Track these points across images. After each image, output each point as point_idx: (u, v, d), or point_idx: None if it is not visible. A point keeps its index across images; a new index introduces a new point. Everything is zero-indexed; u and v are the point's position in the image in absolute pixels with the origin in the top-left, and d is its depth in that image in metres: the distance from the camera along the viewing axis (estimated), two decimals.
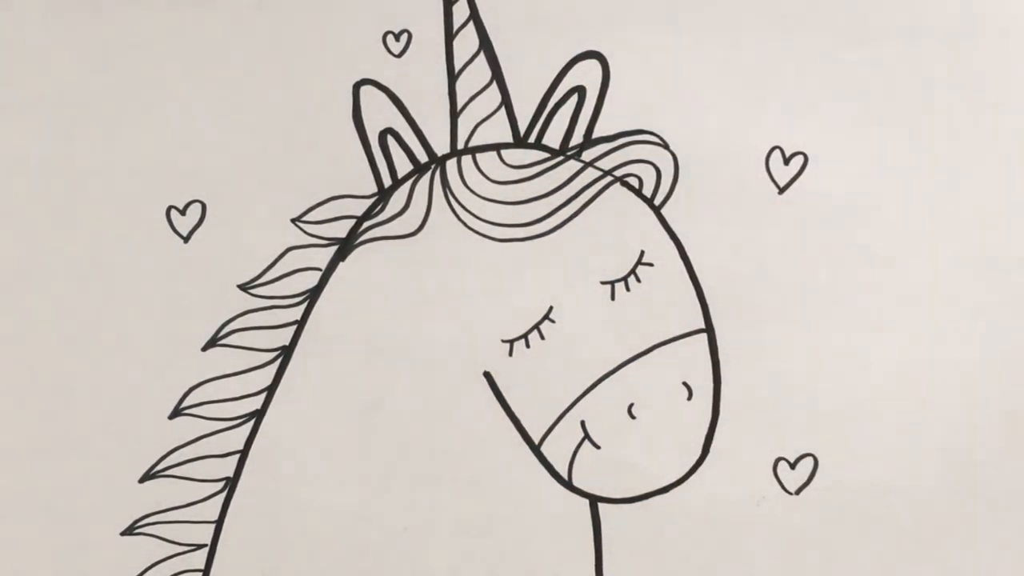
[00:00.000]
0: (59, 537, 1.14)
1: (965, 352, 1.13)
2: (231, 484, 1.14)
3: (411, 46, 1.16)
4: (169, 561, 1.14)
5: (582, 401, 1.12)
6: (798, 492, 1.13)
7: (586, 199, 1.14)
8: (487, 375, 1.13)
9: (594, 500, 1.13)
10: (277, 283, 1.14)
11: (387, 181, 1.15)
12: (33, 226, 1.15)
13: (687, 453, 1.13)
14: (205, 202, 1.15)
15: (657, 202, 1.14)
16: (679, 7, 1.15)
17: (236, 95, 1.16)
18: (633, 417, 1.12)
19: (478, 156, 1.14)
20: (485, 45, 1.15)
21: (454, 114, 1.15)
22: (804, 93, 1.15)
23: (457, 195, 1.14)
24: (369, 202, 1.15)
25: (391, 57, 1.16)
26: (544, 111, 1.14)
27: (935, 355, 1.13)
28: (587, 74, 1.15)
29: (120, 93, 1.16)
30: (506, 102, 1.15)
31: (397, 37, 1.16)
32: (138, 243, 1.15)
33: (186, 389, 1.14)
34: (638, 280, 1.13)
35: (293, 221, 1.15)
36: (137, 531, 1.14)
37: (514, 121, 1.15)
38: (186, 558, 1.14)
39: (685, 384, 1.13)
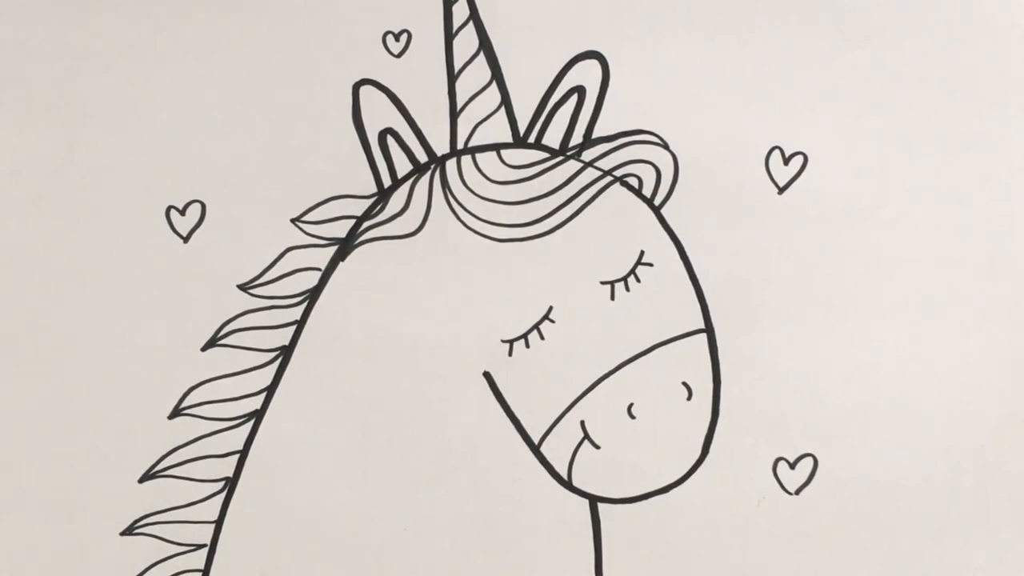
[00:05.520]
0: (59, 537, 1.14)
1: (965, 351, 1.13)
2: (231, 484, 1.14)
3: (411, 46, 1.16)
4: (169, 561, 1.14)
5: (582, 401, 1.12)
6: (798, 492, 1.13)
7: (586, 199, 1.14)
8: (487, 375, 1.13)
9: (594, 500, 1.13)
10: (277, 283, 1.14)
11: (387, 181, 1.15)
12: (33, 226, 1.15)
13: (687, 453, 1.13)
14: (205, 202, 1.15)
15: (657, 202, 1.14)
16: (679, 7, 1.15)
17: (236, 95, 1.16)
18: (633, 417, 1.12)
19: (478, 156, 1.14)
20: (485, 45, 1.15)
21: (454, 114, 1.15)
22: (804, 93, 1.15)
23: (457, 195, 1.14)
24: (369, 202, 1.15)
25: (391, 57, 1.16)
26: (544, 111, 1.14)
27: (935, 355, 1.13)
28: (587, 74, 1.15)
29: (120, 93, 1.16)
30: (506, 102, 1.15)
31: (397, 37, 1.16)
32: (138, 243, 1.15)
33: (186, 389, 1.14)
34: (638, 280, 1.13)
35: (293, 221, 1.15)
36: (137, 531, 1.14)
37: (514, 121, 1.15)
38: (186, 558, 1.14)
39: (685, 384, 1.13)
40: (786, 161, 1.14)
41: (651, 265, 1.14)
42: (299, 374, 1.14)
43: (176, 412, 1.14)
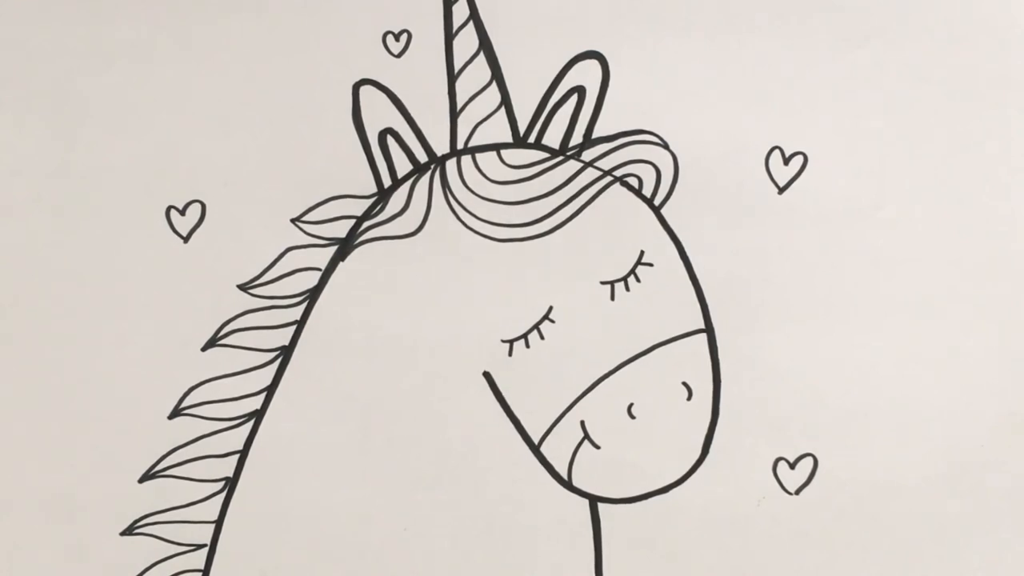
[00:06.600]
0: (59, 537, 1.14)
1: (965, 351, 1.13)
2: (231, 484, 1.14)
3: (411, 46, 1.16)
4: (169, 561, 1.14)
5: (582, 401, 1.12)
6: (798, 492, 1.13)
7: (586, 199, 1.14)
8: (487, 375, 1.13)
9: (594, 500, 1.13)
10: (277, 283, 1.14)
11: (387, 181, 1.15)
12: (33, 226, 1.15)
13: (687, 453, 1.13)
14: (205, 202, 1.15)
15: (657, 202, 1.14)
16: (679, 7, 1.15)
17: (236, 95, 1.16)
18: (633, 417, 1.12)
19: (478, 156, 1.14)
20: (485, 45, 1.15)
21: (454, 114, 1.15)
22: (804, 93, 1.15)
23: (457, 195, 1.14)
24: (369, 202, 1.15)
25: (391, 57, 1.16)
26: (544, 111, 1.14)
27: (935, 355, 1.13)
28: (587, 74, 1.15)
29: (120, 93, 1.16)
30: (506, 102, 1.15)
31: (397, 37, 1.16)
32: (138, 243, 1.15)
33: (186, 389, 1.14)
34: (638, 280, 1.13)
35: (293, 221, 1.15)
36: (137, 531, 1.14)
37: (514, 121, 1.15)
38: (186, 558, 1.14)
39: (685, 384, 1.13)
40: (786, 161, 1.14)
41: (651, 265, 1.14)
42: (299, 374, 1.14)
43: (176, 412, 1.14)
